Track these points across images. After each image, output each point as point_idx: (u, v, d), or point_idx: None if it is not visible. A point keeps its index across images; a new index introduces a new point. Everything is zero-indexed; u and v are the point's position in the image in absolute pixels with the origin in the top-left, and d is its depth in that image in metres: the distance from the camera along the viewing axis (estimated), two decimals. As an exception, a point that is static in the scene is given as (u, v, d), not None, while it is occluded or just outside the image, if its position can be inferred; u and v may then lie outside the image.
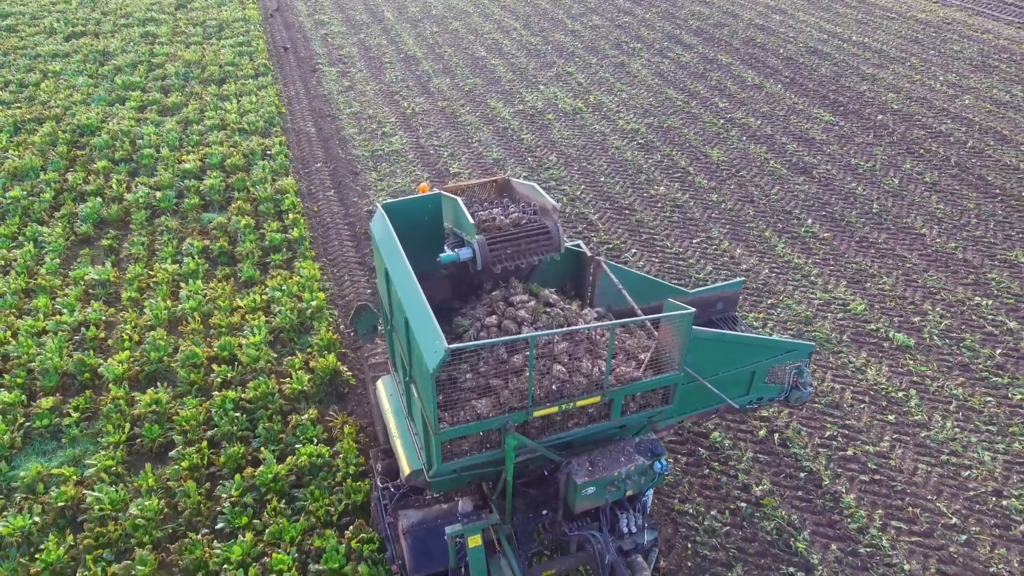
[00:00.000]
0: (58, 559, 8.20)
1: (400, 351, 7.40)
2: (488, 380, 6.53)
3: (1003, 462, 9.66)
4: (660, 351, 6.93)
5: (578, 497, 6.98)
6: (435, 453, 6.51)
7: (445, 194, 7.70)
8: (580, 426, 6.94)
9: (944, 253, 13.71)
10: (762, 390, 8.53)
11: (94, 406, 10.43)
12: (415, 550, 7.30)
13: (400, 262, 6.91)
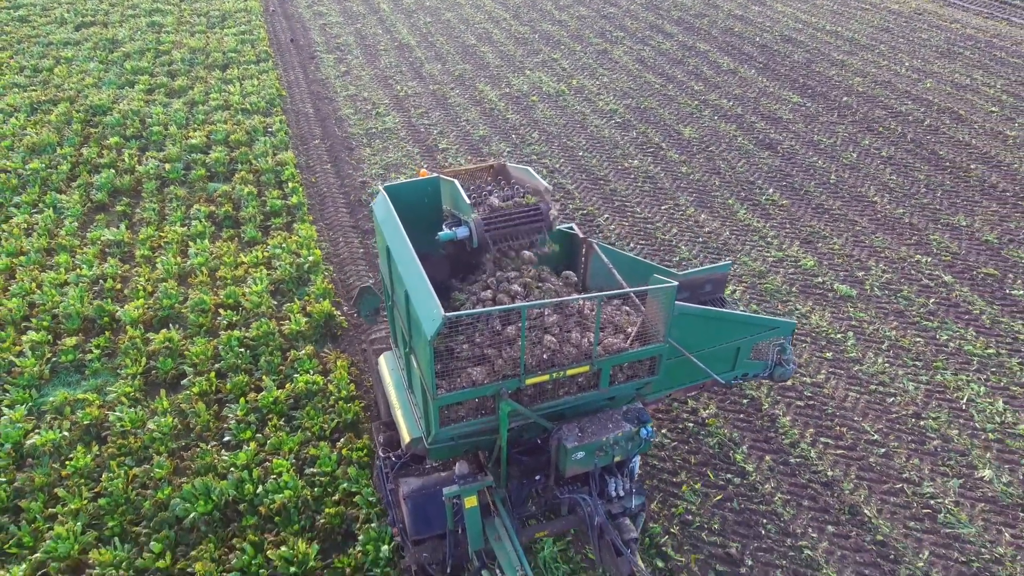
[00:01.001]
0: (85, 465, 9.37)
1: (401, 325, 7.72)
2: (483, 350, 6.85)
3: (924, 391, 10.82)
4: (646, 323, 7.24)
5: (568, 462, 7.23)
6: (434, 418, 6.81)
7: (444, 177, 8.03)
8: (570, 395, 7.24)
9: (892, 218, 14.87)
10: (747, 366, 8.97)
11: (113, 345, 11.60)
12: (415, 514, 7.55)
13: (401, 239, 7.21)
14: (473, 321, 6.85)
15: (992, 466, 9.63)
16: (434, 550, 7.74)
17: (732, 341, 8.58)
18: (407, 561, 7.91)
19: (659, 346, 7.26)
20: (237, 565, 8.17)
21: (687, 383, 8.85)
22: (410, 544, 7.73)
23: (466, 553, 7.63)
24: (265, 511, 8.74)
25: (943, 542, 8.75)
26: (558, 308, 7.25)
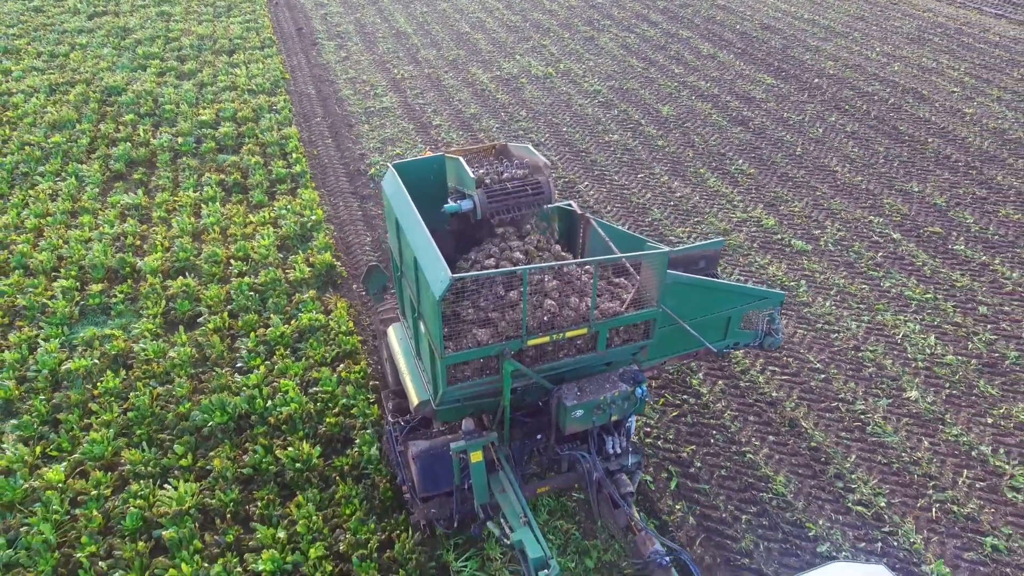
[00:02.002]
0: (115, 386, 10.59)
1: (409, 293, 8.02)
2: (487, 314, 7.19)
3: (865, 329, 12.03)
4: (640, 290, 7.58)
5: (568, 419, 7.52)
6: (441, 378, 7.12)
7: (449, 156, 8.38)
8: (569, 357, 7.56)
9: (851, 185, 16.07)
10: (738, 335, 9.37)
11: (135, 291, 12.82)
12: (423, 474, 7.87)
13: (410, 210, 7.56)
14: (477, 287, 7.11)
15: (919, 388, 10.84)
16: (441, 506, 8.18)
17: (723, 311, 8.94)
18: (416, 517, 8.44)
19: (653, 311, 7.57)
20: (250, 463, 9.39)
21: (681, 351, 9.22)
22: (419, 501, 8.19)
23: (472, 508, 8.02)
24: (273, 421, 9.95)
25: (869, 448, 9.96)
26: (558, 274, 7.63)
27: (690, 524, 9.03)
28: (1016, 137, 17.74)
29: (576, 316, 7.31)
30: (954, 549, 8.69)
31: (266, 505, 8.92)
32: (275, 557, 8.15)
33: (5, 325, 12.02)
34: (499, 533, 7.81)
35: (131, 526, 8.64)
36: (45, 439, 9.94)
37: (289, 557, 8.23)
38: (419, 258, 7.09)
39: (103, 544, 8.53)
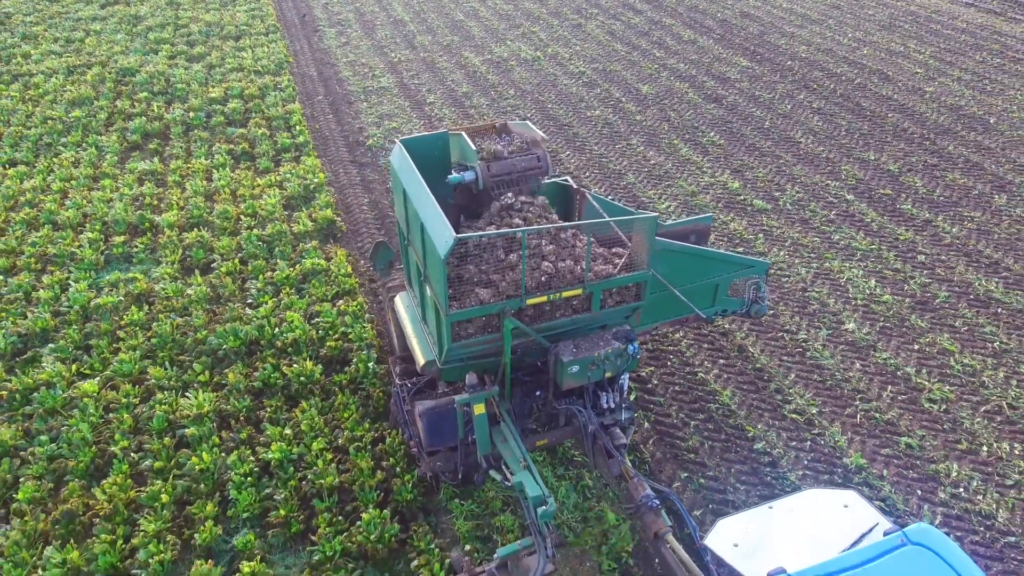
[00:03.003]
0: (139, 318, 11.90)
1: (416, 259, 8.38)
2: (488, 275, 7.62)
3: (814, 273, 13.32)
4: (632, 255, 8.03)
5: (564, 375, 7.84)
6: (446, 334, 7.49)
7: (452, 132, 8.87)
8: (566, 316, 7.98)
9: (813, 154, 17.37)
10: (726, 303, 9.77)
11: (154, 243, 14.13)
12: (429, 429, 8.24)
13: (416, 180, 7.99)
14: (479, 250, 7.50)
15: (856, 322, 12.14)
16: (446, 460, 8.64)
17: (711, 278, 9.38)
18: (422, 470, 8.97)
19: (643, 273, 7.99)
20: (260, 377, 10.69)
21: (672, 317, 9.68)
22: (425, 455, 8.68)
23: (475, 461, 8.44)
24: (280, 345, 11.26)
25: (807, 369, 11.25)
26: (554, 239, 8.03)
27: (646, 428, 10.33)
28: (970, 112, 19.03)
29: (571, 278, 7.75)
30: (872, 447, 9.98)
31: (274, 411, 10.22)
32: (282, 448, 9.45)
33: (38, 270, 13.33)
34: (500, 479, 8.27)
35: (158, 426, 9.95)
36: (79, 360, 11.25)
37: (295, 449, 9.54)
38: (425, 223, 7.50)
39: (133, 441, 9.84)
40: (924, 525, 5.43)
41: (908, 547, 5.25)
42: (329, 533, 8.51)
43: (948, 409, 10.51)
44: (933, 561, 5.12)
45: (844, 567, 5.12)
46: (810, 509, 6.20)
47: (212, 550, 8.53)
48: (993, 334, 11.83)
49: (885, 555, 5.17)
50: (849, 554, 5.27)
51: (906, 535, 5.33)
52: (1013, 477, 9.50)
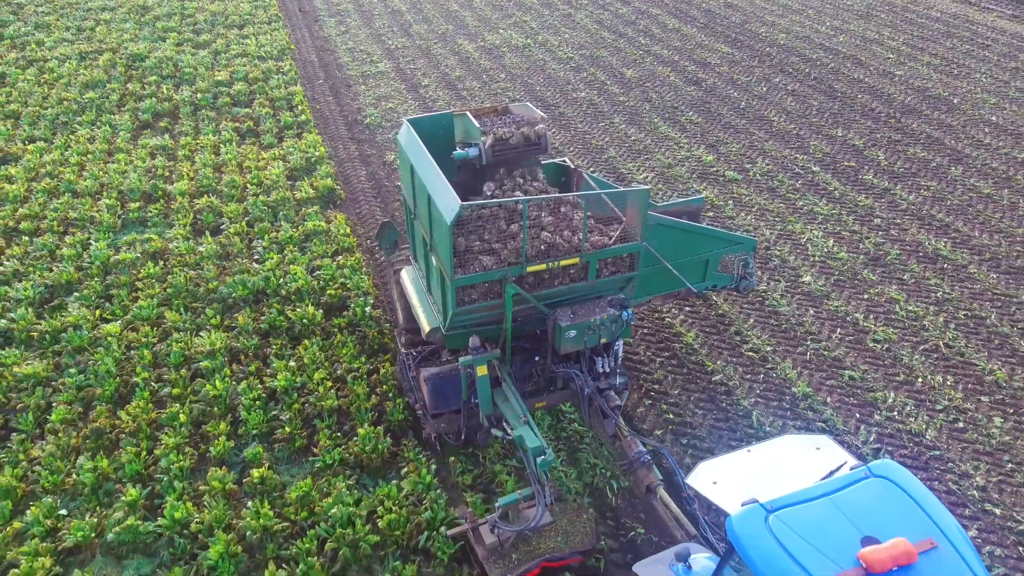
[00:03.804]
0: (155, 272, 12.99)
1: (423, 231, 8.75)
2: (491, 244, 8.05)
3: (777, 234, 14.40)
4: (626, 228, 8.44)
5: (562, 340, 8.18)
6: (451, 299, 7.84)
7: (456, 113, 9.35)
8: (564, 285, 8.35)
9: (784, 131, 18.46)
10: (716, 278, 10.24)
11: (167, 209, 15.21)
12: (434, 393, 8.69)
13: (423, 155, 8.38)
14: (483, 221, 7.93)
15: (813, 275, 13.23)
16: (449, 422, 9.13)
17: (702, 254, 9.84)
18: (427, 431, 9.39)
19: (637, 244, 8.40)
20: (266, 321, 11.78)
21: (665, 291, 10.20)
22: (430, 418, 9.14)
23: (477, 423, 8.83)
24: (285, 293, 12.35)
25: (765, 315, 12.34)
26: (553, 211, 8.44)
27: (615, 364, 11.41)
28: (936, 94, 20.12)
29: (569, 247, 8.19)
30: (819, 379, 11.07)
31: (280, 348, 11.32)
32: (287, 378, 10.54)
33: (60, 232, 14.41)
34: (502, 435, 8.66)
35: (175, 361, 11.04)
36: (101, 307, 12.34)
37: (298, 378, 10.63)
38: (432, 194, 7.87)
39: (153, 373, 10.94)
40: (887, 461, 5.77)
41: (871, 479, 5.56)
42: (329, 446, 9.60)
43: (890, 348, 11.60)
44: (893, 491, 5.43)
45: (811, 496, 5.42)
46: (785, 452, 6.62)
47: (225, 460, 9.62)
48: (937, 285, 12.92)
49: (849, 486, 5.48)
50: (816, 485, 5.55)
51: (870, 469, 5.65)
52: (943, 403, 10.59)
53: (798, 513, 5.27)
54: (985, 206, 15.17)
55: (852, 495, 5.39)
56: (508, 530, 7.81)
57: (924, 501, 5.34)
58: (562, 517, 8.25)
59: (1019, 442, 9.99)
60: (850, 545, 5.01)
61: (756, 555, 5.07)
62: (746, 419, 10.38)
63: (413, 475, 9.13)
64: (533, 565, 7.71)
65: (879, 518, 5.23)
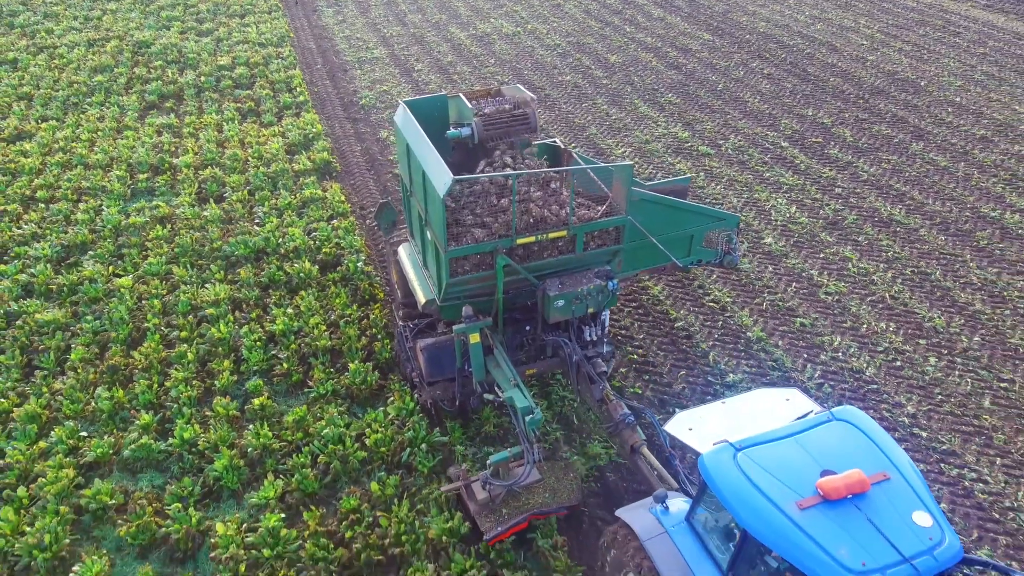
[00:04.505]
0: (163, 234, 14.00)
1: (418, 208, 9.02)
2: (483, 219, 8.33)
3: (743, 202, 15.41)
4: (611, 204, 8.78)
5: (551, 308, 8.45)
6: (445, 270, 8.09)
7: (450, 96, 9.80)
8: (552, 257, 8.66)
9: (758, 111, 19.46)
10: (701, 253, 10.61)
11: (173, 180, 16.23)
12: (429, 362, 9.05)
13: (418, 134, 8.69)
14: (475, 196, 8.18)
15: (774, 237, 14.23)
16: (444, 390, 9.51)
17: (686, 229, 10.16)
18: (423, 398, 9.82)
19: (622, 218, 8.70)
20: (266, 275, 12.79)
21: (651, 265, 10.64)
22: (426, 385, 9.52)
23: (471, 389, 9.21)
24: (284, 252, 13.37)
25: (727, 271, 13.34)
26: (542, 186, 8.69)
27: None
28: (904, 77, 21.11)
29: (557, 221, 8.53)
30: (773, 326, 12.08)
31: (279, 298, 12.34)
32: (285, 323, 11.55)
33: (74, 200, 15.44)
34: (493, 398, 9.11)
35: (183, 309, 12.05)
36: (114, 264, 13.35)
37: (295, 323, 11.63)
38: (426, 170, 8.18)
39: (163, 320, 11.96)
40: (849, 407, 6.14)
41: (833, 422, 6.00)
42: (322, 379, 10.61)
43: (840, 299, 12.61)
44: (853, 432, 5.90)
45: (777, 437, 5.85)
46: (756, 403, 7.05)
47: (229, 391, 10.63)
48: (889, 246, 13.93)
49: (813, 428, 5.94)
50: (782, 427, 5.96)
51: (832, 414, 6.05)
52: (883, 345, 11.59)
53: (764, 451, 5.74)
54: (941, 177, 16.17)
55: (814, 436, 5.84)
56: (498, 485, 8.21)
57: (880, 441, 5.80)
58: (550, 475, 8.66)
59: (950, 378, 11.00)
60: (810, 477, 5.46)
61: (725, 488, 5.58)
62: (703, 359, 11.39)
63: (398, 401, 10.14)
64: (522, 519, 8.15)
65: (838, 455, 5.65)
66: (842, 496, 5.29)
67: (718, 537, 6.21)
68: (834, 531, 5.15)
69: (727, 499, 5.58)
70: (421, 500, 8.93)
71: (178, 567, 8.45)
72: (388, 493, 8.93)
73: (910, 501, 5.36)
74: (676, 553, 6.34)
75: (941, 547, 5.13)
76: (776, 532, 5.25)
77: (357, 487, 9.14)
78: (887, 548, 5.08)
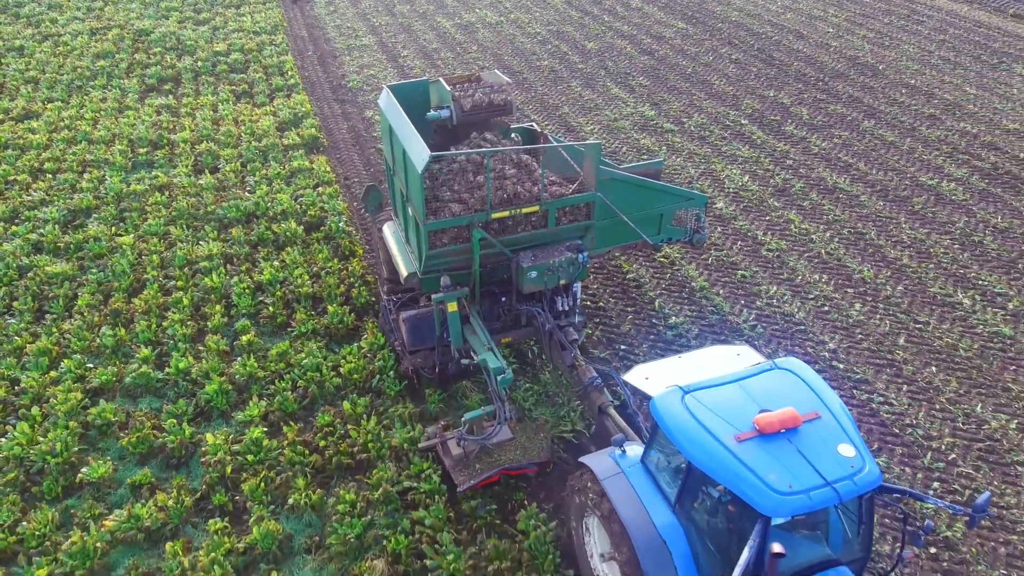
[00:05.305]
0: (161, 200, 15.18)
1: (400, 186, 9.44)
2: (460, 195, 8.79)
3: (700, 172, 16.59)
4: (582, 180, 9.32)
5: (525, 279, 8.86)
6: (424, 242, 8.50)
7: (432, 80, 10.28)
8: (526, 231, 9.11)
9: (723, 93, 20.63)
10: (670, 231, 11.07)
11: (171, 155, 17.42)
12: (411, 332, 9.63)
13: (400, 116, 9.16)
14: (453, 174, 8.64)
15: (725, 202, 15.41)
16: (425, 358, 10.12)
17: (656, 208, 10.62)
18: (404, 366, 10.36)
19: (591, 194, 9.19)
20: (256, 235, 13.99)
21: (623, 242, 11.18)
22: (407, 354, 10.12)
23: (449, 357, 9.75)
24: (272, 215, 14.57)
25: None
26: (516, 164, 9.14)
27: (547, 268, 13.58)
28: (865, 61, 22.28)
29: (530, 196, 9.04)
30: (716, 277, 13.26)
31: (267, 254, 13.53)
32: (271, 273, 12.75)
33: (79, 171, 16.64)
34: (469, 362, 9.61)
35: (179, 263, 13.26)
36: (116, 226, 14.56)
37: (281, 274, 12.83)
38: (406, 147, 8.67)
39: (161, 272, 13.15)
40: (791, 358, 6.62)
41: (775, 370, 6.49)
42: (304, 319, 11.81)
43: (780, 256, 13.79)
44: (792, 378, 6.41)
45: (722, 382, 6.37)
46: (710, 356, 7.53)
47: (220, 331, 11.82)
48: (830, 211, 15.11)
49: (756, 375, 6.46)
50: (727, 374, 6.48)
51: (775, 363, 6.51)
52: (814, 293, 12.78)
53: (710, 393, 6.26)
54: (887, 151, 17.35)
55: (757, 381, 6.36)
56: (471, 440, 8.81)
57: (816, 386, 6.32)
58: (521, 435, 9.22)
59: (871, 321, 12.18)
60: (749, 415, 5.97)
61: (672, 425, 6.12)
62: (650, 305, 12.57)
63: (370, 337, 11.33)
64: (493, 473, 8.69)
65: (776, 397, 6.16)
66: (776, 430, 5.81)
67: (668, 475, 6.83)
68: (767, 460, 5.64)
69: (674, 435, 6.09)
70: (387, 417, 10.12)
71: (172, 471, 9.64)
72: (359, 411, 10.11)
73: (837, 436, 5.86)
74: (631, 491, 6.84)
75: (861, 474, 5.61)
76: (716, 462, 5.78)
77: (332, 407, 10.32)
78: (812, 474, 5.59)
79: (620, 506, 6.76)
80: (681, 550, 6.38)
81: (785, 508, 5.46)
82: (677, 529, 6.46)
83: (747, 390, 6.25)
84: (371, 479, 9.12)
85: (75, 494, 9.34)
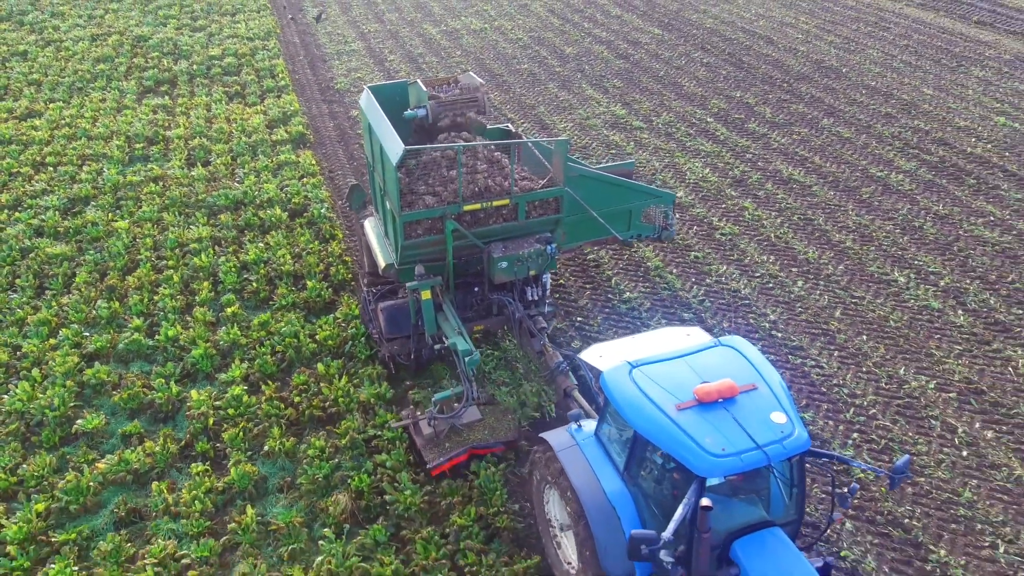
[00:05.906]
0: (156, 190, 16.19)
1: (379, 182, 9.87)
2: (434, 188, 9.34)
3: (664, 165, 17.60)
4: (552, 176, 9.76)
5: (495, 270, 9.22)
6: (399, 232, 8.95)
7: (410, 82, 10.89)
8: (497, 224, 9.58)
9: (692, 94, 21.69)
10: (640, 228, 11.47)
11: (166, 149, 18.44)
12: (388, 321, 10.05)
13: (379, 114, 9.63)
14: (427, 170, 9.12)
15: (685, 191, 16.41)
16: (401, 345, 10.55)
17: (625, 204, 11.01)
18: (382, 353, 10.88)
19: (560, 189, 9.66)
20: (244, 220, 14.97)
21: (593, 238, 11.61)
22: (384, 342, 10.55)
23: (423, 345, 10.21)
24: (259, 202, 15.56)
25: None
26: (488, 160, 9.62)
27: (515, 251, 14.55)
28: (829, 64, 23.36)
29: (501, 191, 9.52)
30: (671, 258, 14.23)
31: (252, 238, 14.51)
32: (256, 253, 13.72)
33: (79, 164, 17.65)
34: (441, 347, 9.99)
35: (171, 245, 14.24)
36: (113, 213, 15.55)
37: (265, 254, 13.80)
38: (383, 143, 9.15)
39: (153, 253, 14.13)
40: (736, 337, 7.01)
41: (719, 347, 6.90)
42: (285, 294, 12.77)
43: (732, 239, 14.77)
44: (734, 354, 6.81)
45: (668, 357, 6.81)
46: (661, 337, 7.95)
47: (207, 304, 12.78)
48: (783, 200, 16.10)
49: (700, 351, 6.88)
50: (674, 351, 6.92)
51: (719, 341, 6.89)
52: (760, 272, 13.75)
53: (656, 368, 6.69)
54: (842, 146, 18.38)
55: (701, 357, 6.80)
56: (441, 418, 9.31)
57: (756, 362, 6.71)
58: (490, 416, 9.73)
59: (811, 296, 13.14)
60: (691, 387, 6.38)
61: (619, 396, 6.54)
62: (607, 282, 13.54)
63: (345, 309, 12.29)
64: (462, 451, 9.25)
65: (717, 371, 6.58)
66: (713, 400, 6.23)
67: (618, 446, 7.25)
68: (704, 426, 6.07)
69: (620, 406, 6.48)
70: (358, 377, 11.06)
71: (160, 424, 10.58)
72: (331, 372, 11.06)
73: (771, 405, 6.27)
74: (584, 461, 7.30)
75: (790, 438, 6.05)
76: (658, 429, 6.20)
77: (307, 369, 11.26)
78: (745, 438, 6.03)
79: (573, 476, 7.19)
80: (629, 515, 6.85)
81: (718, 469, 5.91)
82: (626, 496, 6.92)
83: (691, 365, 6.68)
84: (339, 429, 10.06)
85: (71, 443, 10.27)
